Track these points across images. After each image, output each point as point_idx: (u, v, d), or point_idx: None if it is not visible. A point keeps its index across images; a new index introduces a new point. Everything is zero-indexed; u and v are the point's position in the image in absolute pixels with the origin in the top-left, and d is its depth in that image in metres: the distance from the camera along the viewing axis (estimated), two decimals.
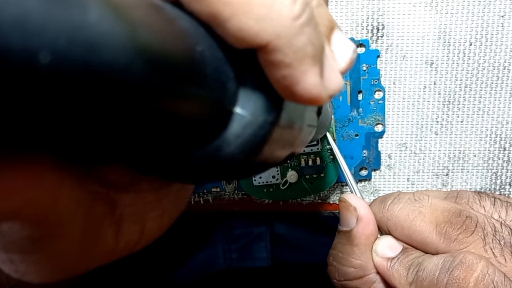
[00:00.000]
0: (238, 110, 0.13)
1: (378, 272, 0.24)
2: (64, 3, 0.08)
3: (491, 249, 0.22)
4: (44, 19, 0.07)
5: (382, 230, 0.26)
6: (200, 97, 0.12)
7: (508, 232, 0.23)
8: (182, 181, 0.15)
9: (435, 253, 0.24)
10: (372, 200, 0.27)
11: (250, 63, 0.12)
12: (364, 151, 0.31)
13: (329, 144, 0.30)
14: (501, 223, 0.23)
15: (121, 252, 0.14)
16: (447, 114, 0.30)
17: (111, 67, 0.08)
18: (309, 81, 0.12)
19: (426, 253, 0.24)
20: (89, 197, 0.12)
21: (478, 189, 0.31)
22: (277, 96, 0.13)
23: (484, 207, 0.25)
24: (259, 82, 0.13)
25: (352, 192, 0.27)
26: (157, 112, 0.11)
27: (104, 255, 0.14)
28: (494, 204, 0.25)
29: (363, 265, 0.24)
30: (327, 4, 0.16)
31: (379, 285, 0.24)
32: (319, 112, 0.19)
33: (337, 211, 0.33)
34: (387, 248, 0.24)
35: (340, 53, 0.15)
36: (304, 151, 0.30)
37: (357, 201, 0.25)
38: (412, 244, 0.24)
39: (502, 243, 0.22)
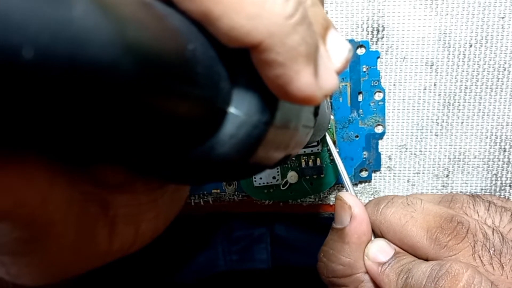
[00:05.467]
0: (232, 109, 0.13)
1: (367, 273, 0.24)
2: None
3: (480, 257, 0.22)
4: (27, 14, 0.07)
5: (375, 233, 0.26)
6: (192, 95, 0.12)
7: (499, 239, 0.23)
8: (175, 181, 0.15)
9: (425, 258, 0.23)
10: (368, 201, 0.27)
11: (244, 63, 0.12)
12: (364, 153, 0.31)
13: (328, 144, 0.30)
14: (493, 229, 0.23)
15: (115, 254, 0.14)
16: (447, 116, 0.30)
17: (98, 63, 0.08)
18: (302, 80, 0.12)
19: (418, 258, 0.24)
20: (82, 197, 0.12)
21: (478, 191, 0.31)
22: (271, 95, 0.12)
23: (478, 212, 0.25)
24: (253, 81, 0.13)
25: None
26: (148, 111, 0.10)
27: (98, 257, 0.14)
28: (488, 209, 0.25)
29: (352, 263, 0.24)
30: (322, 4, 0.16)
31: (367, 285, 0.24)
32: (316, 112, 0.19)
33: None
34: (379, 252, 0.24)
35: (336, 53, 0.14)
36: (304, 152, 0.30)
37: (352, 200, 0.25)
38: (404, 248, 0.24)
39: (491, 251, 0.22)
